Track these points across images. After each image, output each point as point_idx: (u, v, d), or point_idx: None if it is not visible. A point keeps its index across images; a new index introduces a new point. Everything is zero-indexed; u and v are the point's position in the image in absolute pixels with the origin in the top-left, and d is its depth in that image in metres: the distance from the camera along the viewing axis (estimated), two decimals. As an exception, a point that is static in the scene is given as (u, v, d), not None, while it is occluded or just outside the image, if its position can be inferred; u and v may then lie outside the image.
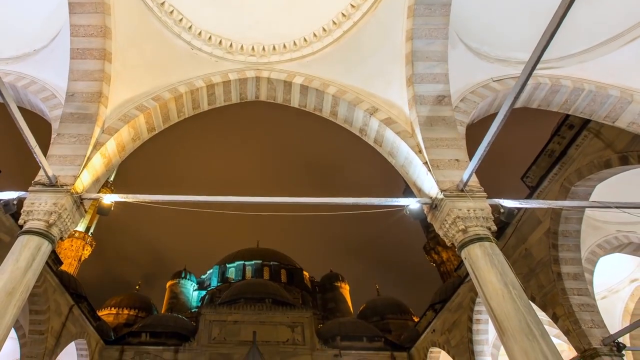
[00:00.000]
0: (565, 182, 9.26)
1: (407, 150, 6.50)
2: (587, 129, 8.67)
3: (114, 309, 29.95)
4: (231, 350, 19.27)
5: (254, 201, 5.98)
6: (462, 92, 6.98)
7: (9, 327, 4.44)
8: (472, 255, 5.01)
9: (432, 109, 6.58)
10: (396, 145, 6.77)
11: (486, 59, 7.33)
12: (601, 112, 6.81)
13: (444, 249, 41.13)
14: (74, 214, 5.61)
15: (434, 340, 17.31)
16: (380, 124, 6.94)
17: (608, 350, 8.62)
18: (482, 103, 6.98)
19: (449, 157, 6.10)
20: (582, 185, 8.94)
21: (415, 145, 6.43)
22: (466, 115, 6.76)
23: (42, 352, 13.82)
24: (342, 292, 38.44)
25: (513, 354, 4.13)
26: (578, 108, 7.01)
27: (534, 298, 10.20)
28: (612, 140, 8.14)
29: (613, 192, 8.71)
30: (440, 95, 6.64)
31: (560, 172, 9.49)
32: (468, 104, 6.87)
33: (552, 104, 7.17)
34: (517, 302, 4.38)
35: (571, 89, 6.87)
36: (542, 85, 6.99)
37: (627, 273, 12.48)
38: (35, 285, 7.07)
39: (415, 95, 6.66)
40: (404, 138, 6.60)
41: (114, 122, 6.71)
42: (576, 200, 8.88)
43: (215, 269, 38.48)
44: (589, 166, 8.67)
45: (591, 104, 6.85)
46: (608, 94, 6.63)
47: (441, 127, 6.43)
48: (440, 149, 6.20)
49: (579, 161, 8.95)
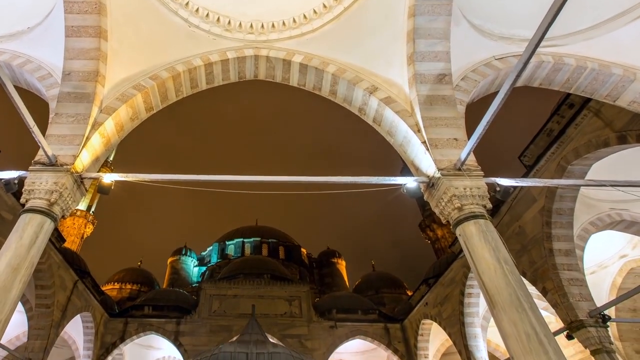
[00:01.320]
0: (562, 161, 9.33)
1: (405, 129, 6.51)
2: (587, 108, 8.63)
3: (117, 284, 30.74)
4: (231, 322, 19.98)
5: (253, 180, 6.03)
6: (464, 70, 6.91)
7: (15, 300, 4.61)
8: (466, 232, 5.15)
9: (432, 87, 6.54)
10: (395, 125, 6.77)
11: (489, 36, 7.20)
12: (602, 91, 6.80)
13: (439, 227, 41.96)
14: (74, 193, 5.67)
15: (426, 313, 18.00)
16: (380, 103, 6.91)
17: (594, 322, 8.98)
18: (483, 82, 6.93)
19: (447, 136, 6.13)
20: (579, 164, 9.03)
21: (414, 125, 6.43)
22: (466, 94, 6.73)
23: (48, 325, 14.31)
24: (339, 267, 39.42)
25: (502, 325, 4.34)
26: (580, 87, 6.99)
27: (525, 273, 10.51)
28: (612, 120, 8.13)
29: (608, 170, 8.85)
30: (441, 74, 6.57)
31: (558, 151, 9.54)
32: (469, 82, 6.83)
33: (553, 82, 7.13)
34: (508, 276, 4.55)
35: (574, 67, 6.82)
36: (545, 63, 6.92)
37: (617, 249, 12.79)
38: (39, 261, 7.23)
39: (415, 73, 6.59)
40: (403, 117, 6.59)
41: (111, 102, 6.63)
42: (572, 179, 8.99)
43: (215, 246, 39.13)
44: (586, 145, 8.71)
45: (593, 82, 6.82)
46: (611, 72, 6.59)
47: (441, 106, 6.42)
48: (439, 128, 6.22)
49: (577, 140, 8.97)
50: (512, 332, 4.20)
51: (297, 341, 19.36)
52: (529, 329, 4.12)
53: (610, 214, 10.48)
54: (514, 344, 4.16)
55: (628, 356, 12.52)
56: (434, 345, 19.02)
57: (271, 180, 6.04)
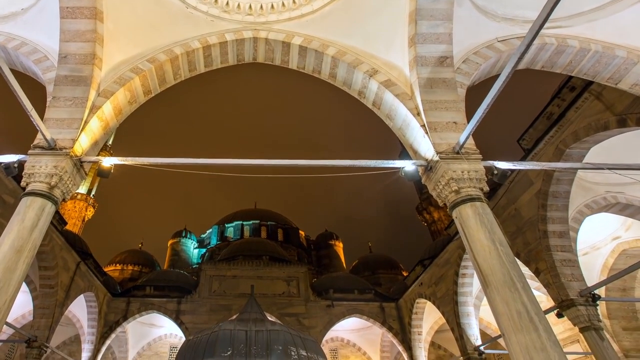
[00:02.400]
0: (561, 144, 9.35)
1: (405, 112, 6.50)
2: (588, 91, 8.57)
3: (119, 265, 31.22)
4: (230, 301, 20.47)
5: (252, 163, 6.06)
6: (465, 53, 6.82)
7: (20, 281, 4.72)
8: (463, 215, 5.23)
9: (433, 70, 6.47)
10: (395, 108, 6.74)
11: (492, 17, 7.06)
12: (605, 74, 6.76)
13: (435, 209, 42.39)
14: (74, 177, 5.69)
15: (421, 293, 18.47)
16: (380, 86, 6.85)
17: (584, 301, 9.22)
18: (485, 64, 6.86)
19: (447, 119, 6.13)
20: (577, 147, 9.05)
21: (414, 108, 6.41)
22: (467, 77, 6.67)
23: (53, 304, 14.65)
24: (336, 249, 40.02)
25: (495, 304, 4.48)
26: (582, 69, 6.93)
27: (519, 254, 10.71)
28: (613, 103, 8.09)
29: (606, 153, 8.87)
30: (443, 57, 6.49)
31: (557, 135, 9.54)
32: (470, 65, 6.75)
33: (556, 65, 7.06)
34: (502, 257, 4.66)
35: (577, 49, 6.74)
36: (548, 45, 6.84)
37: (610, 231, 12.96)
38: (42, 243, 7.33)
39: (416, 56, 6.51)
40: (402, 100, 6.56)
41: (109, 85, 6.55)
42: (569, 162, 9.03)
43: (215, 228, 39.49)
44: (585, 128, 8.70)
45: (596, 65, 6.77)
46: (614, 55, 6.54)
47: (441, 89, 6.38)
48: (439, 112, 6.20)
49: (577, 123, 8.96)
50: (504, 310, 4.32)
51: (295, 319, 19.92)
52: (521, 307, 4.25)
53: (606, 196, 10.56)
54: (505, 321, 4.29)
55: (615, 333, 12.99)
56: (428, 323, 19.66)
57: (270, 163, 6.07)
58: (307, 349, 12.09)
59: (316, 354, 12.33)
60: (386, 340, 22.33)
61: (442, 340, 22.09)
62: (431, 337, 20.14)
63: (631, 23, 6.56)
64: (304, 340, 12.61)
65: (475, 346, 14.13)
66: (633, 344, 12.80)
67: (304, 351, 11.88)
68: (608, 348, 8.67)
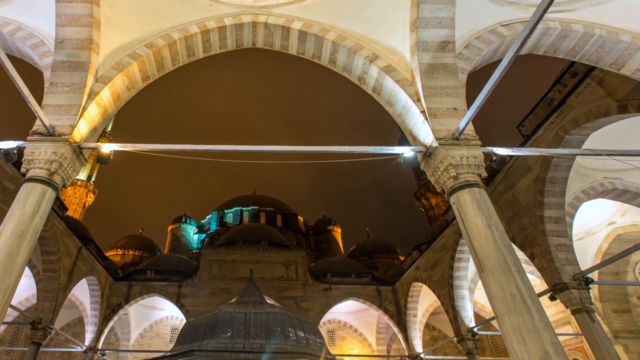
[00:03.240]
0: (560, 130, 9.34)
1: (405, 98, 6.46)
2: (590, 77, 8.50)
3: (120, 250, 31.56)
4: (230, 285, 20.82)
5: (251, 149, 6.07)
6: (467, 37, 6.72)
7: (23, 265, 4.80)
8: (460, 201, 5.29)
9: (434, 55, 6.40)
10: (395, 94, 6.70)
11: (496, 1, 6.91)
12: (608, 59, 6.70)
13: (433, 195, 42.66)
14: (74, 163, 5.70)
15: (417, 276, 18.83)
16: (380, 71, 6.77)
17: (577, 285, 9.40)
18: (487, 50, 6.78)
19: (447, 105, 6.11)
20: (577, 133, 9.04)
21: (414, 94, 6.37)
22: (469, 62, 6.60)
23: (56, 288, 14.89)
24: (334, 234, 40.43)
25: (489, 287, 4.58)
26: (585, 54, 6.87)
27: (515, 239, 10.84)
28: (614, 88, 8.04)
29: (604, 140, 8.89)
30: (444, 41, 6.40)
31: (557, 121, 9.51)
32: (472, 50, 6.67)
33: (559, 50, 6.98)
34: (498, 242, 4.73)
35: (581, 34, 6.66)
36: (552, 30, 6.74)
37: (606, 217, 13.06)
38: (43, 229, 7.39)
39: (418, 41, 6.41)
40: (403, 86, 6.51)
41: (107, 71, 6.46)
42: (568, 148, 9.04)
43: (214, 214, 39.70)
44: (586, 115, 8.66)
45: (599, 50, 6.70)
46: (618, 40, 6.48)
47: (442, 75, 6.32)
48: (439, 97, 6.17)
49: (577, 109, 8.93)
50: (499, 293, 4.42)
51: (293, 302, 20.35)
52: (515, 291, 4.34)
53: (603, 182, 10.61)
54: (499, 304, 4.40)
55: (606, 315, 13.37)
56: (423, 306, 20.15)
57: (269, 149, 6.08)
58: (304, 330, 12.39)
59: (314, 335, 12.65)
60: (382, 322, 22.93)
61: (436, 322, 22.71)
62: (426, 319, 20.68)
63: (636, 7, 6.46)
64: (302, 322, 12.91)
65: (469, 328, 14.53)
66: (622, 326, 13.19)
67: (302, 332, 12.18)
68: (598, 329, 8.90)
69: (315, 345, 12.11)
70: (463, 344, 14.51)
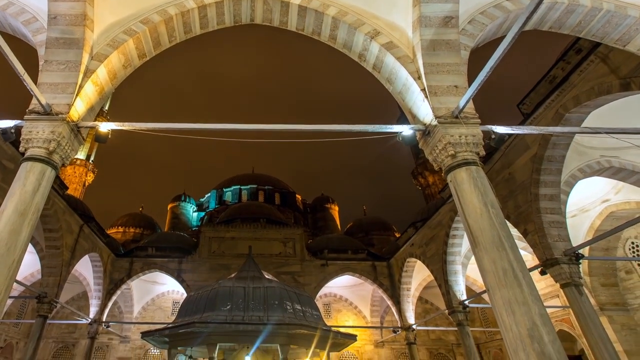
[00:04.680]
0: (561, 108, 9.27)
1: (406, 76, 6.36)
2: (594, 54, 8.35)
3: (121, 228, 31.94)
4: (229, 261, 21.30)
5: (249, 128, 6.04)
6: (472, 12, 6.52)
7: (26, 242, 4.87)
8: (457, 179, 5.31)
9: (437, 31, 6.24)
10: (395, 71, 6.59)
11: (503, -27, 6.69)
12: (614, 35, 6.58)
13: (430, 174, 42.91)
14: (72, 142, 5.68)
15: (412, 252, 19.31)
16: (381, 48, 6.62)
17: (567, 260, 9.63)
18: (491, 25, 6.61)
19: (448, 83, 6.02)
20: (577, 111, 8.98)
21: (415, 71, 6.27)
22: (472, 38, 6.44)
23: (59, 264, 15.21)
24: (332, 212, 40.90)
25: (482, 263, 4.68)
26: (591, 30, 6.73)
27: (509, 217, 11.00)
28: (618, 66, 7.91)
29: (603, 118, 8.81)
30: (448, 17, 6.21)
31: (558, 99, 9.43)
32: (476, 26, 6.49)
33: (564, 26, 6.82)
34: (493, 219, 4.80)
35: (588, 8, 6.48)
36: (559, 4, 6.55)
37: (600, 194, 13.16)
38: (45, 207, 7.45)
39: (421, 16, 6.21)
40: (404, 64, 6.38)
41: (102, 48, 6.28)
42: (568, 126, 9.00)
43: (213, 192, 39.88)
44: (587, 92, 8.57)
45: (606, 25, 6.56)
46: (626, 14, 6.33)
47: (444, 52, 6.19)
48: (440, 75, 6.07)
49: (579, 87, 8.83)
50: (491, 268, 4.53)
51: (291, 277, 20.92)
52: (507, 265, 4.45)
53: (600, 160, 10.63)
54: (491, 278, 4.52)
55: (593, 289, 13.87)
56: (416, 280, 20.82)
57: (268, 128, 6.05)
58: (301, 303, 12.82)
59: (310, 307, 13.10)
60: (376, 295, 23.75)
61: (429, 296, 23.57)
62: (419, 292, 21.43)
63: (647, -19, 6.28)
64: (299, 295, 13.33)
65: (460, 301, 15.08)
66: (609, 299, 13.74)
67: (299, 305, 12.61)
68: (585, 302, 9.21)
69: (311, 317, 12.57)
70: (454, 316, 15.10)
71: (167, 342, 12.40)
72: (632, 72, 7.62)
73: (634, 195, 12.36)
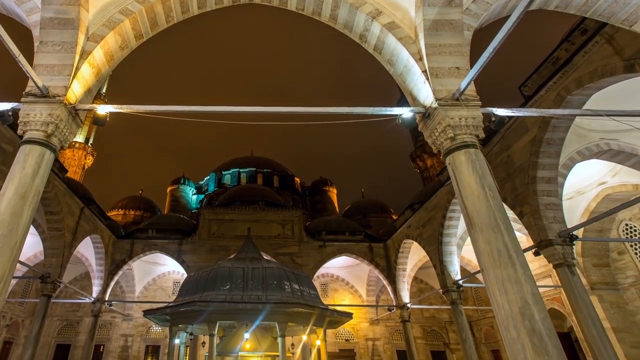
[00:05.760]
0: (563, 91, 9.16)
1: (407, 57, 6.26)
2: (600, 34, 8.17)
3: (121, 210, 32.13)
4: (228, 243, 21.57)
5: (248, 110, 5.99)
6: (476, -9, 6.35)
7: (27, 224, 4.94)
8: (456, 161, 5.34)
9: (440, 11, 6.09)
10: (396, 52, 6.47)
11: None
12: (621, 14, 6.42)
13: (429, 157, 42.91)
14: (70, 125, 5.63)
15: (408, 234, 19.61)
16: (382, 29, 6.48)
17: (561, 241, 9.77)
18: (495, 4, 6.42)
19: (449, 64, 5.94)
20: (579, 94, 8.88)
21: (417, 52, 6.17)
22: (475, 18, 6.29)
23: (61, 245, 15.39)
24: (330, 195, 41.12)
25: (478, 244, 4.77)
26: (598, 10, 6.55)
27: (506, 199, 11.08)
28: (623, 47, 7.77)
29: (605, 100, 8.73)
30: (453, -5, 6.05)
31: (560, 81, 9.30)
32: (480, 5, 6.30)
33: (570, 5, 6.64)
34: (490, 201, 4.87)
35: (596, -14, 6.33)
36: (566, -19, 6.38)
37: (597, 177, 13.18)
38: (45, 190, 7.46)
39: (425, -6, 6.03)
40: (405, 44, 6.27)
41: (98, 29, 6.12)
42: (569, 109, 8.92)
43: (212, 175, 39.86)
44: (590, 74, 8.45)
45: (613, 4, 6.38)
46: (635, -7, 6.20)
47: (447, 32, 6.06)
48: (442, 56, 5.98)
49: (583, 69, 8.69)
50: (486, 248, 4.63)
51: (289, 258, 21.27)
52: (501, 246, 4.55)
53: (599, 143, 10.58)
54: (486, 259, 4.62)
55: (585, 269, 14.18)
56: (412, 261, 21.26)
57: (266, 110, 6.00)
58: (299, 283, 13.13)
59: (308, 287, 13.42)
60: (372, 275, 24.30)
61: (424, 276, 24.13)
62: (414, 272, 21.92)
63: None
64: (297, 275, 13.62)
65: (454, 280, 15.45)
66: (600, 278, 14.08)
67: (297, 285, 12.92)
68: (577, 282, 9.43)
69: (309, 296, 12.91)
70: (448, 295, 15.51)
71: (169, 320, 12.76)
72: (637, 54, 7.49)
73: (631, 177, 12.40)
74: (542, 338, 3.95)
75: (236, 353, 12.90)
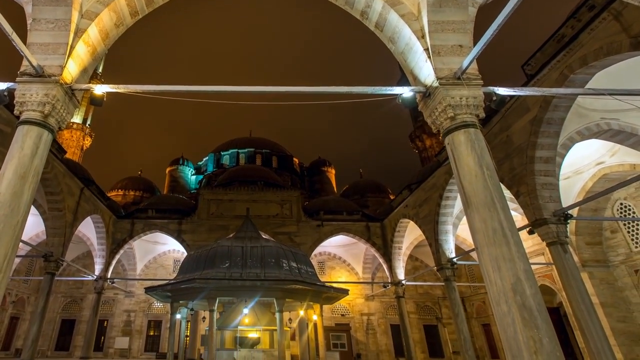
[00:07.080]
0: (566, 69, 8.97)
1: (409, 35, 6.10)
2: (608, 10, 7.91)
3: (121, 191, 32.18)
4: (227, 222, 21.83)
5: (247, 90, 5.86)
6: (484, -37, 6.11)
7: (28, 204, 4.96)
8: (455, 141, 5.31)
9: (444, -14, 5.89)
10: (398, 30, 6.30)
11: None
12: None
13: (428, 137, 42.71)
14: (67, 105, 5.56)
15: (405, 214, 19.84)
16: (385, 5, 6.27)
17: (556, 220, 9.85)
18: (504, -23, 6.25)
19: (452, 42, 5.81)
20: (582, 72, 8.70)
21: (419, 30, 6.01)
22: (481, -7, 6.12)
23: (63, 225, 15.54)
24: (328, 175, 41.16)
25: (473, 222, 4.83)
26: (606, -16, 6.35)
27: (503, 179, 11.08)
28: (631, 23, 7.54)
29: (608, 79, 8.58)
30: (457, -32, 5.83)
31: (564, 59, 9.09)
32: (486, -21, 6.14)
33: (579, -21, 6.44)
34: (487, 181, 4.88)
35: (606, -41, 6.11)
36: (575, -44, 6.16)
37: (595, 157, 13.12)
38: (44, 171, 7.45)
39: (429, -33, 5.81)
40: (407, 21, 6.09)
41: (92, 5, 5.91)
42: (571, 88, 8.74)
43: (211, 156, 39.66)
44: (595, 52, 8.25)
45: (622, -21, 6.22)
46: (646, -34, 6.01)
47: (451, 9, 5.88)
48: (445, 34, 5.84)
49: (588, 47, 8.48)
50: (481, 227, 4.69)
51: (287, 237, 21.62)
52: (497, 225, 4.61)
53: (599, 123, 10.45)
54: (481, 237, 4.69)
55: (578, 247, 14.45)
56: (408, 240, 21.69)
57: (265, 90, 5.87)
58: (297, 261, 13.43)
59: (305, 265, 13.74)
60: (369, 254, 24.82)
61: (419, 254, 24.69)
62: (410, 251, 22.42)
63: None
64: (295, 254, 13.91)
65: (449, 258, 15.79)
66: (592, 256, 14.39)
67: (295, 263, 13.22)
68: (569, 259, 9.62)
69: (306, 274, 13.24)
70: (442, 272, 15.91)
71: (170, 296, 13.12)
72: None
73: (629, 157, 12.37)
74: (532, 312, 4.10)
75: (235, 327, 13.37)
